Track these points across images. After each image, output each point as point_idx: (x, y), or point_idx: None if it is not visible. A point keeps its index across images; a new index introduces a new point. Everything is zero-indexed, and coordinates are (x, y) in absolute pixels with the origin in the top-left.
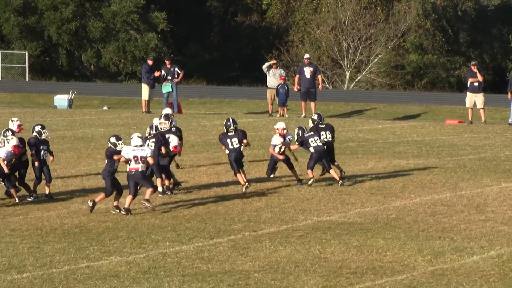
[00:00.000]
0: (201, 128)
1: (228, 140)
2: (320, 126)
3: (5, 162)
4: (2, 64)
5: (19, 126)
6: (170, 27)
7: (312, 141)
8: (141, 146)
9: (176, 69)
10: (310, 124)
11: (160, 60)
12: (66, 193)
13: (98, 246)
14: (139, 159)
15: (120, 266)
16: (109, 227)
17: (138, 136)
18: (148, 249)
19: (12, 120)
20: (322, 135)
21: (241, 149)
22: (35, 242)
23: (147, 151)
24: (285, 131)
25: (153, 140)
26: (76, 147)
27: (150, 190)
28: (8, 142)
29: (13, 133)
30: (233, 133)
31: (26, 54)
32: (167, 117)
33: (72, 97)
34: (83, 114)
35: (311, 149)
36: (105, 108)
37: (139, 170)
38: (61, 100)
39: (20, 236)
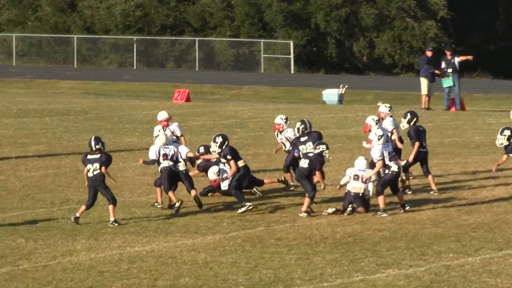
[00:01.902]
0: (487, 127)
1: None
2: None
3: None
4: (265, 55)
5: None
6: (451, 15)
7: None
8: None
9: (456, 59)
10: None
11: (440, 51)
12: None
13: (374, 257)
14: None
15: (399, 280)
16: (386, 237)
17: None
18: (430, 261)
19: None
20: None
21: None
22: (303, 252)
23: None
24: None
25: None
26: (348, 147)
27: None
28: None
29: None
30: (306, 137)
31: (291, 43)
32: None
33: (342, 92)
34: (355, 110)
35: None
36: (379, 104)
37: None
38: (330, 95)
39: (287, 246)
